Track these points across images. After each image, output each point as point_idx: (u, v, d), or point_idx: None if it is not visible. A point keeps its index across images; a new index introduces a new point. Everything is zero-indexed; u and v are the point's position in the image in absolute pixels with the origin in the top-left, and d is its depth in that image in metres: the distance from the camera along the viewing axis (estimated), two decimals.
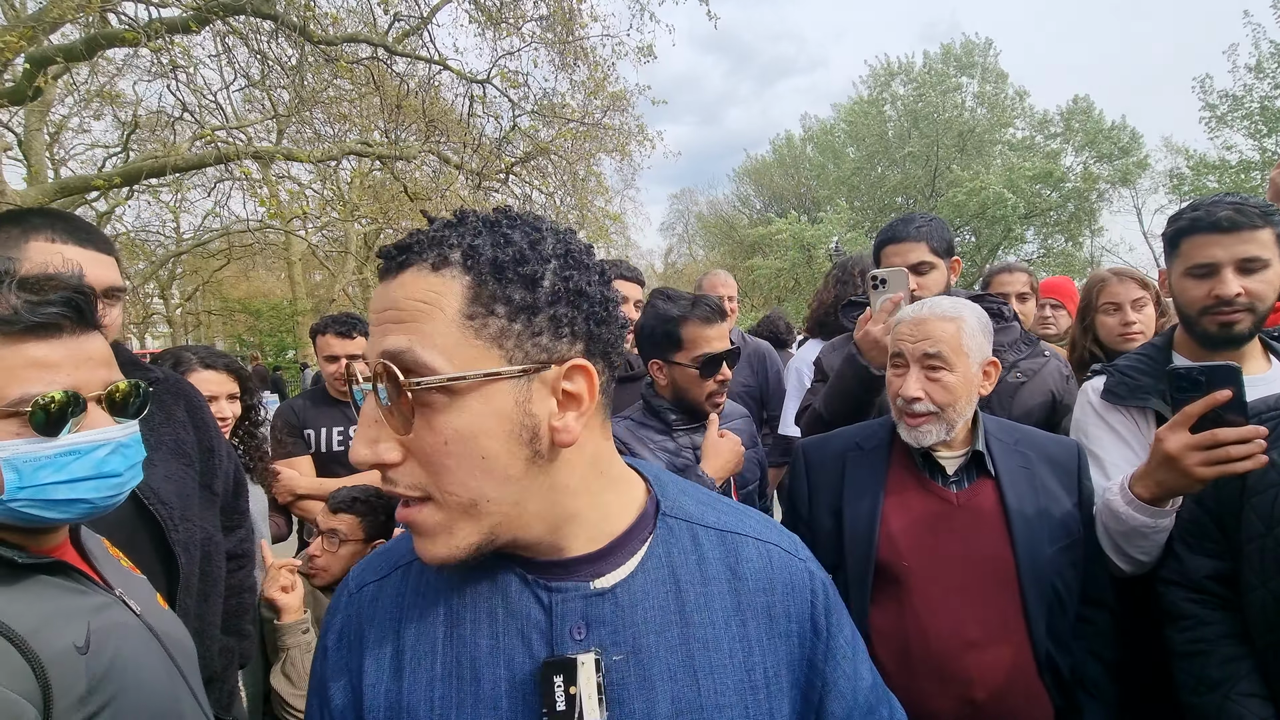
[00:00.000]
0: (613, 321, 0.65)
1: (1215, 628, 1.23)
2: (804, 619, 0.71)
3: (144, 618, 0.97)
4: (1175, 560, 1.32)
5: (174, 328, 24.46)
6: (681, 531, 0.71)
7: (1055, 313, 3.17)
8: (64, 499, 0.86)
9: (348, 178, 10.39)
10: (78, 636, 0.83)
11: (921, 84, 26.40)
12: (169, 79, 5.14)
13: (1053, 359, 2.02)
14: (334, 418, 2.86)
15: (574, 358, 0.61)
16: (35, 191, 6.86)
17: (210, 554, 1.49)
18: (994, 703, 1.26)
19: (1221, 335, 1.47)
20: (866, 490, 1.43)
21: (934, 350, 1.35)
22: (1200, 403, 1.14)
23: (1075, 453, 1.43)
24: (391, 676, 0.65)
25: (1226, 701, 1.16)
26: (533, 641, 0.64)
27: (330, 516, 2.11)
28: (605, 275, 0.66)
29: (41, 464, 0.84)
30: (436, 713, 0.63)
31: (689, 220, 40.42)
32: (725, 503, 0.79)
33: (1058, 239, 26.60)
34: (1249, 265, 1.41)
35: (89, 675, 0.82)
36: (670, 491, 0.74)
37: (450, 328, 0.57)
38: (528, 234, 0.61)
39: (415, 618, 0.67)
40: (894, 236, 1.97)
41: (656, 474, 0.77)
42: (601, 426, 0.68)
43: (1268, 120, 17.64)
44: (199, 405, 1.59)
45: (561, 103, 7.73)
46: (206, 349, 2.28)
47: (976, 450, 1.39)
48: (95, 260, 1.32)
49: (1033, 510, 1.34)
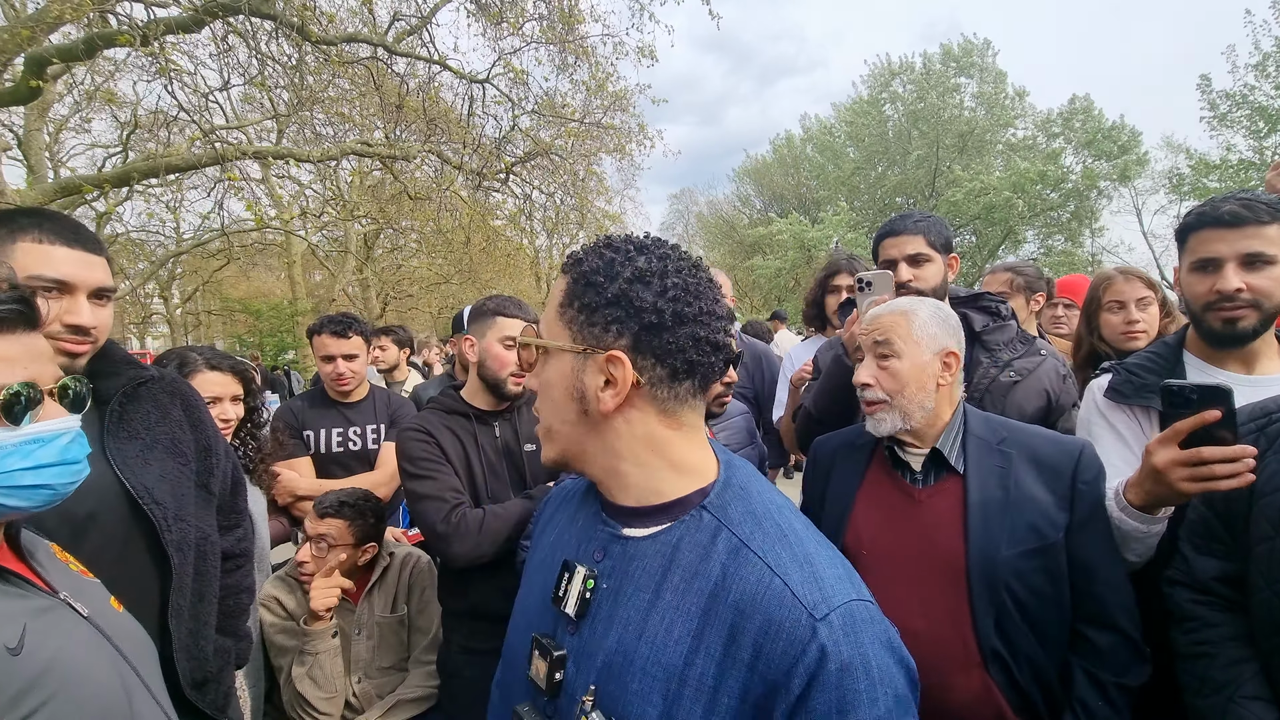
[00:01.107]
0: (669, 330, 0.78)
1: (1220, 630, 1.22)
2: (778, 666, 0.68)
3: (93, 620, 0.96)
4: (1182, 561, 1.31)
5: (174, 328, 24.43)
6: (707, 527, 0.80)
7: (1069, 312, 3.14)
8: (30, 485, 0.89)
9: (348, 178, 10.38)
10: (9, 638, 0.83)
11: (921, 84, 26.40)
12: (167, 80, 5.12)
13: (1049, 358, 2.00)
14: (333, 419, 2.85)
15: (617, 349, 0.79)
16: (35, 192, 6.85)
17: (205, 554, 1.47)
18: (936, 689, 1.29)
19: (1226, 332, 1.45)
20: (846, 482, 1.55)
21: (882, 338, 1.45)
22: (1189, 420, 1.17)
23: (1075, 456, 1.39)
24: (534, 545, 1.02)
25: (1230, 704, 1.15)
26: (577, 548, 0.89)
27: (318, 522, 2.09)
28: (684, 297, 0.79)
29: (9, 452, 0.87)
30: (531, 570, 0.97)
31: (689, 220, 40.42)
32: (787, 529, 0.79)
33: (1058, 239, 26.59)
34: (1253, 260, 1.40)
35: (21, 676, 0.81)
36: (727, 494, 0.83)
37: (553, 312, 0.84)
38: (616, 255, 0.80)
39: (555, 510, 1.02)
40: (891, 230, 2.03)
41: (733, 475, 0.85)
42: (660, 415, 0.82)
43: (1267, 120, 17.62)
44: (195, 404, 1.58)
45: (562, 102, 7.73)
46: (211, 350, 2.27)
47: (936, 449, 1.43)
48: (85, 260, 1.30)
49: (996, 510, 1.35)
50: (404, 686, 2.11)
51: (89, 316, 1.30)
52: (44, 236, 1.26)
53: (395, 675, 2.15)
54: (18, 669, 0.82)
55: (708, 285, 0.82)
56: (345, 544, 2.09)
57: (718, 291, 0.84)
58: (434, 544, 1.89)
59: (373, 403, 2.94)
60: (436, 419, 1.98)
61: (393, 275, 20.33)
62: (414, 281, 21.13)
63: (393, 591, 2.20)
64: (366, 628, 2.14)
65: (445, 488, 1.85)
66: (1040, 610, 1.32)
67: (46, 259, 1.25)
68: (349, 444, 2.84)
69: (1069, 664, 1.35)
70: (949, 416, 1.45)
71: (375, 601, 2.17)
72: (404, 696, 2.08)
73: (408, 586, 2.23)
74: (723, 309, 0.84)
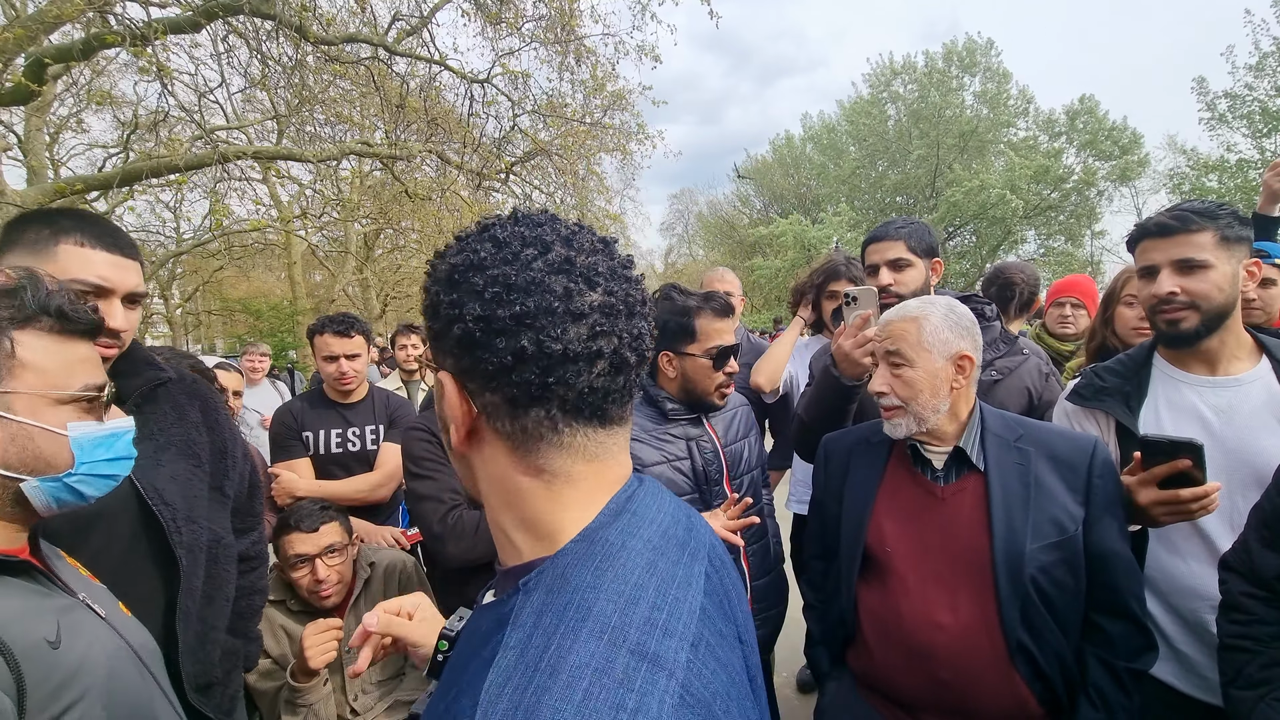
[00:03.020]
0: (483, 345, 0.57)
1: (1269, 628, 1.21)
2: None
3: (109, 621, 0.98)
4: (1243, 548, 1.31)
5: (174, 328, 24.42)
6: (499, 619, 0.55)
7: (1075, 311, 3.14)
8: (106, 475, 0.99)
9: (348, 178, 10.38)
10: (49, 632, 0.85)
11: (924, 83, 26.40)
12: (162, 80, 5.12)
13: (1031, 357, 2.10)
14: (332, 420, 2.85)
15: (444, 371, 0.63)
16: (35, 191, 6.84)
17: (218, 556, 1.47)
18: (962, 684, 1.36)
19: (1171, 333, 1.55)
20: (865, 481, 1.56)
21: (894, 348, 1.49)
22: (1164, 468, 1.36)
23: (1089, 451, 1.42)
24: None
25: (1261, 703, 1.16)
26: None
27: (315, 535, 2.01)
28: (504, 297, 0.57)
29: (99, 443, 0.97)
30: None
31: (689, 220, 40.44)
32: (558, 663, 0.49)
33: (1058, 239, 26.58)
34: (1187, 266, 1.49)
35: (61, 670, 0.83)
36: (542, 580, 0.56)
37: None
38: (454, 245, 0.63)
39: None
40: (875, 236, 2.12)
41: (569, 555, 0.58)
42: (511, 456, 0.61)
43: (1267, 120, 17.61)
44: (214, 406, 1.57)
45: (562, 102, 7.72)
46: (170, 350, 2.29)
47: (959, 447, 1.47)
48: (120, 265, 1.32)
49: (1019, 506, 1.39)
50: (401, 689, 2.10)
51: (122, 320, 1.32)
52: (85, 240, 1.27)
53: (395, 683, 2.14)
54: (60, 662, 0.84)
55: (559, 271, 0.58)
56: (345, 544, 2.09)
57: (580, 279, 0.58)
58: (430, 544, 1.92)
59: (371, 403, 2.93)
60: None
61: (393, 275, 20.32)
62: (414, 281, 21.10)
63: (379, 600, 2.17)
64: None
65: (444, 488, 1.87)
66: (1062, 602, 1.36)
67: (87, 263, 1.26)
68: (348, 445, 2.83)
69: (1081, 651, 1.38)
70: (966, 416, 1.49)
71: (363, 614, 2.11)
72: (402, 698, 2.07)
73: (397, 592, 2.19)
74: (594, 302, 0.58)
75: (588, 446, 0.62)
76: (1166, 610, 1.54)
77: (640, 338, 0.62)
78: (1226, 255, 1.47)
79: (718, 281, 3.46)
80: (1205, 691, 1.46)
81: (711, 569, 0.66)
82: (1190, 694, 1.49)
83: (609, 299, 0.60)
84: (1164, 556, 1.55)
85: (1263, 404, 1.48)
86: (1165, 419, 1.57)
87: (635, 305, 0.62)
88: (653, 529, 0.62)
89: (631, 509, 0.63)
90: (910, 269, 2.04)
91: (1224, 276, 1.47)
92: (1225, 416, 1.50)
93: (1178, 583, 1.52)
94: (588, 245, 0.62)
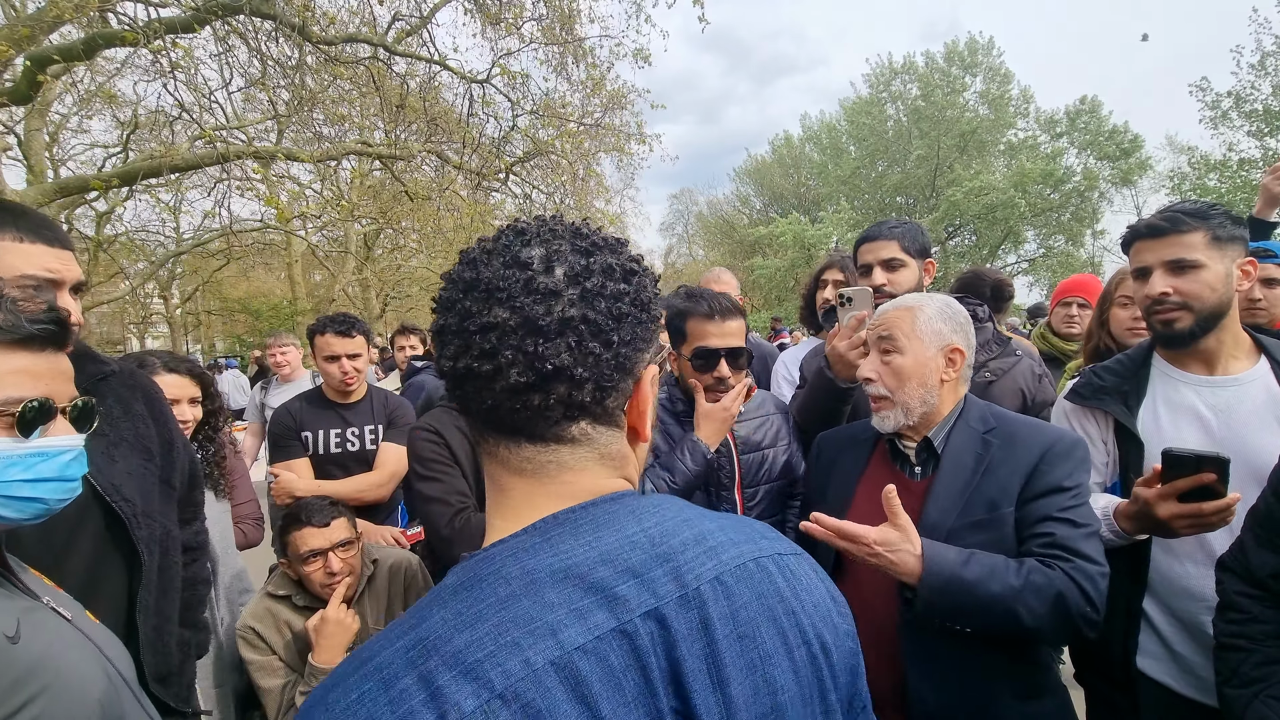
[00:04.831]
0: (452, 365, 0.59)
1: (1264, 627, 1.22)
2: None
3: (75, 624, 0.98)
4: (1239, 549, 1.31)
5: (174, 328, 24.42)
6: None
7: (1081, 311, 3.12)
8: (25, 497, 0.91)
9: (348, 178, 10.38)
10: (8, 627, 0.84)
11: (926, 82, 26.39)
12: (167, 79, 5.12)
13: (1025, 358, 2.09)
14: (331, 420, 2.85)
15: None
16: (35, 191, 6.84)
17: (169, 549, 1.47)
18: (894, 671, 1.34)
19: (1165, 333, 1.55)
20: (847, 476, 1.58)
21: (886, 333, 1.48)
22: (1187, 481, 1.35)
23: (1050, 440, 1.39)
24: None
25: (1255, 700, 1.16)
26: None
27: (326, 530, 2.01)
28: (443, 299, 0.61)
29: (13, 462, 0.89)
30: None
31: (689, 220, 40.42)
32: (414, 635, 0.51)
33: (1058, 239, 26.57)
34: (1178, 266, 1.50)
35: (19, 665, 0.83)
36: (447, 578, 0.56)
37: None
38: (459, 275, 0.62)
39: None
40: (869, 236, 2.13)
41: (467, 568, 0.56)
42: (492, 464, 0.63)
43: (1269, 119, 17.60)
44: (156, 398, 1.56)
45: (561, 103, 7.72)
46: (169, 353, 2.28)
47: (927, 438, 1.46)
48: (59, 257, 1.30)
49: (958, 488, 1.39)
50: None
51: (77, 313, 1.30)
52: (23, 235, 1.25)
53: None
54: (16, 656, 0.83)
55: (467, 289, 0.58)
56: (353, 538, 2.09)
57: (481, 298, 0.57)
58: (438, 547, 1.90)
59: (370, 403, 2.94)
60: (448, 418, 1.97)
61: (393, 275, 20.31)
62: (414, 282, 21.11)
63: (384, 599, 2.16)
64: (361, 639, 2.11)
65: (451, 491, 1.85)
66: None
67: (30, 258, 1.24)
68: (347, 445, 2.83)
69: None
70: (948, 411, 1.48)
71: (366, 611, 2.11)
72: None
73: (403, 591, 2.20)
74: (489, 322, 0.57)
75: (512, 460, 0.61)
76: (1163, 612, 1.54)
77: (540, 358, 0.56)
78: (1219, 255, 1.47)
79: (714, 282, 3.45)
80: (1202, 693, 1.46)
81: (660, 632, 0.53)
82: (1187, 695, 1.49)
83: (510, 318, 0.56)
84: (1161, 559, 1.54)
85: (1261, 404, 1.48)
86: (1164, 418, 1.57)
87: (546, 325, 0.56)
88: (553, 559, 0.55)
89: (550, 532, 0.57)
90: (904, 269, 2.04)
91: (1216, 276, 1.47)
92: (1223, 416, 1.50)
93: (1174, 584, 1.52)
94: (520, 259, 0.58)
